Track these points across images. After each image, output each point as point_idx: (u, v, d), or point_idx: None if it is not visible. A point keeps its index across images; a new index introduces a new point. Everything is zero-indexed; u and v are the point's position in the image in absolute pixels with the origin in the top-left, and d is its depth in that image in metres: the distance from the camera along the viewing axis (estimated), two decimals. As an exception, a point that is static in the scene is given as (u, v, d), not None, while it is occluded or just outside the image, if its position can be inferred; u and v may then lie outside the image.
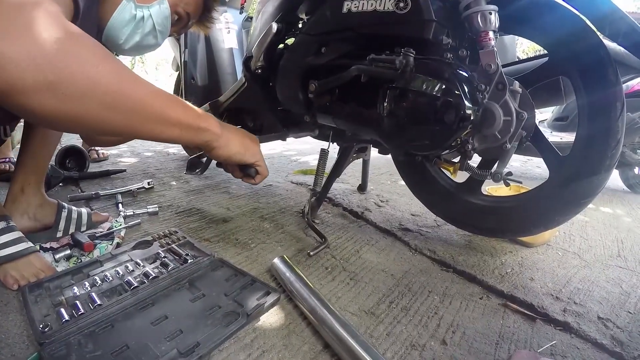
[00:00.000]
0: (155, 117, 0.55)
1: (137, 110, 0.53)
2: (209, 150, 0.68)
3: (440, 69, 0.70)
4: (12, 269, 0.70)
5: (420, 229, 1.15)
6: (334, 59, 0.88)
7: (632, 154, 1.92)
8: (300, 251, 0.95)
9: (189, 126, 0.60)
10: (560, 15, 0.71)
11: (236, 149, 0.70)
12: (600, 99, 0.71)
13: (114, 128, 0.52)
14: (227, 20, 1.64)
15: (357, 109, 0.87)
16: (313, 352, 0.60)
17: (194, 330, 0.59)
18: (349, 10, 0.81)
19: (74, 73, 0.44)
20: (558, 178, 0.79)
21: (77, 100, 0.45)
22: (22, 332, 0.60)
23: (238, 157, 0.72)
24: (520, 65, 0.89)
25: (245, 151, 0.72)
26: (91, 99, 0.47)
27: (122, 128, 0.53)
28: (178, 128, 0.59)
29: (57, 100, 0.44)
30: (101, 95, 0.48)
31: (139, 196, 1.31)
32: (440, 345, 0.64)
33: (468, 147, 0.72)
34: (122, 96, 0.50)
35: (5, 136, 0.85)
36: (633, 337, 0.68)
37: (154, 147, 2.35)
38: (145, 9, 0.73)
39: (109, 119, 0.50)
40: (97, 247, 0.87)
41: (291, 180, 1.71)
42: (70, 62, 0.44)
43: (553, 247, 1.08)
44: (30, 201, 0.89)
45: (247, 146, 0.73)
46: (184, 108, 0.60)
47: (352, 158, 1.24)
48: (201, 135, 0.64)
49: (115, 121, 0.51)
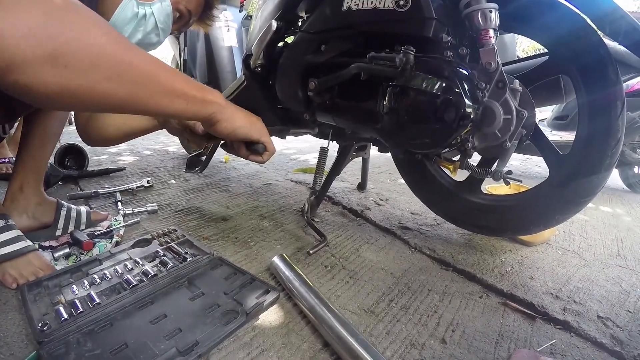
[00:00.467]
0: (161, 88, 0.52)
1: (144, 82, 0.50)
2: (213, 124, 0.64)
3: (441, 67, 0.69)
4: (11, 267, 0.70)
5: (419, 227, 1.15)
6: (334, 56, 0.88)
7: (632, 153, 1.92)
8: (299, 250, 0.95)
9: (194, 98, 0.57)
10: (560, 13, 0.71)
11: (241, 122, 0.66)
12: (600, 97, 0.71)
13: (118, 102, 0.49)
14: (227, 19, 1.64)
15: (356, 107, 0.87)
16: (312, 351, 0.60)
17: (193, 329, 0.59)
18: (349, 8, 0.80)
19: (75, 44, 0.41)
20: (558, 177, 0.79)
21: (79, 73, 0.42)
22: (21, 330, 0.60)
23: (243, 130, 0.67)
24: (520, 64, 0.89)
25: (250, 125, 0.68)
26: (95, 70, 0.44)
27: (127, 102, 0.49)
28: (184, 100, 0.56)
29: (58, 74, 0.41)
30: (106, 66, 0.45)
31: (138, 195, 1.31)
32: (440, 344, 0.64)
33: (468, 145, 0.72)
34: (128, 66, 0.47)
35: (4, 134, 0.85)
36: (633, 336, 0.68)
37: (154, 145, 2.35)
38: (147, 6, 0.72)
39: (114, 92, 0.47)
40: (96, 246, 0.87)
41: (291, 178, 1.71)
42: (71, 32, 0.41)
43: (553, 246, 1.08)
44: (29, 200, 0.89)
45: (252, 121, 0.70)
46: (187, 80, 0.57)
47: (352, 156, 1.24)
48: (207, 107, 0.60)
49: (121, 94, 0.48)
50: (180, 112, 0.57)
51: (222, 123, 0.64)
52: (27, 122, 0.89)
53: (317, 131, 1.07)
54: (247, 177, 1.68)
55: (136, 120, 0.82)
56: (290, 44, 0.99)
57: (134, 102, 0.50)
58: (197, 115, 0.60)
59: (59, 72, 0.41)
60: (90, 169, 1.56)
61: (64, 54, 0.41)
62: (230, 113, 0.64)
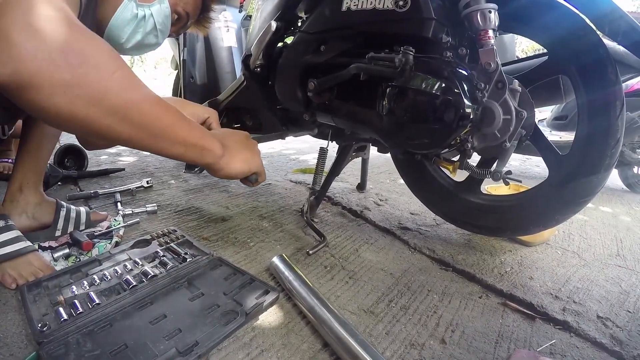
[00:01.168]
0: (163, 133, 0.54)
1: (147, 125, 0.52)
2: (212, 171, 0.66)
3: (440, 68, 0.69)
4: (10, 268, 0.70)
5: (419, 227, 1.15)
6: (333, 57, 0.88)
7: (632, 153, 1.92)
8: (299, 250, 0.95)
9: (193, 145, 0.59)
10: (559, 14, 0.71)
11: (237, 168, 0.68)
12: (599, 98, 0.71)
13: (119, 137, 0.51)
14: (226, 19, 1.64)
15: (356, 108, 0.87)
16: (312, 351, 0.60)
17: (192, 329, 0.59)
18: (348, 9, 0.80)
19: (90, 76, 0.44)
20: (557, 177, 0.79)
21: (89, 105, 0.45)
22: (20, 331, 0.60)
23: (240, 174, 0.70)
24: (519, 64, 0.89)
25: (248, 167, 0.70)
26: (103, 105, 0.46)
27: (127, 139, 0.51)
28: (183, 147, 0.58)
29: (69, 101, 0.43)
30: (114, 103, 0.47)
31: (138, 195, 1.30)
32: (440, 344, 0.64)
33: (467, 145, 0.72)
34: (134, 108, 0.49)
35: (4, 136, 0.85)
36: (632, 336, 0.68)
37: (153, 146, 2.34)
38: (146, 8, 0.73)
39: (117, 128, 0.49)
40: (96, 246, 0.86)
41: (290, 179, 1.71)
42: (87, 65, 0.44)
43: (552, 246, 1.08)
44: (29, 200, 0.89)
45: (249, 161, 0.71)
46: (190, 126, 0.59)
47: (351, 157, 1.24)
48: (204, 156, 0.62)
49: (122, 132, 0.50)
50: (178, 156, 0.59)
51: (219, 172, 0.66)
52: (26, 123, 0.89)
53: (316, 131, 1.08)
54: (246, 178, 1.68)
55: None
56: (289, 44, 1.00)
57: (134, 140, 0.52)
58: (194, 161, 0.62)
59: (71, 100, 0.43)
60: (89, 169, 1.56)
61: (78, 84, 0.43)
62: (226, 161, 0.66)
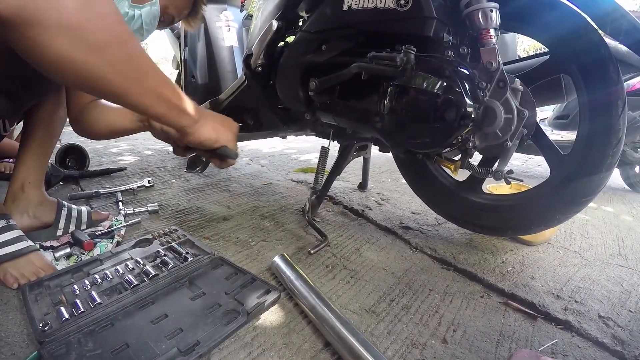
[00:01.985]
0: (152, 89, 0.56)
1: (140, 78, 0.53)
2: (184, 135, 0.68)
3: (441, 67, 0.69)
4: (12, 267, 0.70)
5: (420, 227, 1.15)
6: (335, 56, 0.88)
7: (633, 152, 1.91)
8: (300, 249, 0.95)
9: (175, 106, 0.61)
10: (561, 13, 0.71)
11: (207, 135, 0.70)
12: (601, 97, 0.70)
13: (111, 90, 0.52)
14: (227, 18, 1.64)
15: (357, 107, 0.87)
16: (313, 351, 0.60)
17: (194, 329, 0.59)
18: (350, 8, 0.80)
19: (96, 23, 0.45)
20: (559, 176, 0.79)
21: (90, 51, 0.45)
22: (22, 330, 0.60)
23: (209, 143, 0.71)
24: (521, 63, 0.89)
25: (216, 136, 0.71)
26: (104, 54, 0.47)
27: (118, 92, 0.52)
28: (166, 105, 0.60)
29: (71, 45, 0.44)
30: (114, 53, 0.48)
31: (139, 194, 1.31)
32: (441, 343, 0.64)
33: (469, 145, 0.72)
34: (131, 61, 0.51)
35: (5, 131, 0.85)
36: (634, 336, 0.68)
37: (154, 145, 2.35)
38: (137, 8, 0.77)
39: (111, 79, 0.50)
40: (97, 246, 0.87)
41: (291, 178, 1.71)
42: (94, 12, 0.45)
43: (554, 246, 1.08)
44: (30, 200, 0.89)
45: (219, 131, 0.72)
46: (174, 88, 0.61)
47: (353, 156, 1.24)
48: (181, 118, 0.64)
49: (115, 83, 0.51)
50: (160, 115, 0.61)
51: (190, 136, 0.68)
52: (27, 122, 0.89)
53: (317, 131, 1.07)
54: (248, 177, 1.68)
55: (125, 120, 0.84)
56: (290, 43, 0.99)
57: (124, 94, 0.53)
58: (173, 123, 0.64)
59: (72, 43, 0.44)
60: (91, 169, 1.56)
61: (83, 29, 0.44)
62: (198, 127, 0.68)
